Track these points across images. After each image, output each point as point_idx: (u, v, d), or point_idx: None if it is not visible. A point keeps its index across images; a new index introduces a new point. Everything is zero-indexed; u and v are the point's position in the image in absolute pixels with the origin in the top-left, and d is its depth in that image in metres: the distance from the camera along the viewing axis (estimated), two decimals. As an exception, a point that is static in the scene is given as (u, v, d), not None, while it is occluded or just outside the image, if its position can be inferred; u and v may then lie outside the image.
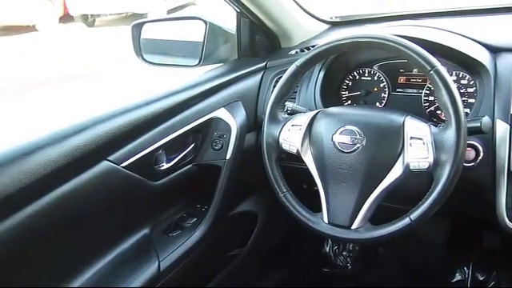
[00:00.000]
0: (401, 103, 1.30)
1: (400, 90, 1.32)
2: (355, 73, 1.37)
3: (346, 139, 1.01)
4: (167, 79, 1.37)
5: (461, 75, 1.20)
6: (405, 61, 1.25)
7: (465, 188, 1.06)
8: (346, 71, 1.37)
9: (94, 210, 1.05)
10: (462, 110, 0.92)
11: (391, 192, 1.00)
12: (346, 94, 1.38)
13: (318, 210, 1.06)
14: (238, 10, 1.36)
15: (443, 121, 0.97)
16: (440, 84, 0.92)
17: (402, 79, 1.32)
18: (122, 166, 1.07)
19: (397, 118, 1.01)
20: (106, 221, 1.11)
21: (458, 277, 1.72)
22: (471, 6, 1.44)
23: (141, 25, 1.44)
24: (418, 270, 1.81)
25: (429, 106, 1.26)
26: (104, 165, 1.03)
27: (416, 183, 1.01)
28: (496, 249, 1.51)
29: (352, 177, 1.01)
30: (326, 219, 1.04)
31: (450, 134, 0.92)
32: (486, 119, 0.98)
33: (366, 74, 1.35)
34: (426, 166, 0.94)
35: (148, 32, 1.47)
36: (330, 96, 1.34)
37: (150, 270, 1.15)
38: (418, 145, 0.95)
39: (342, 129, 1.03)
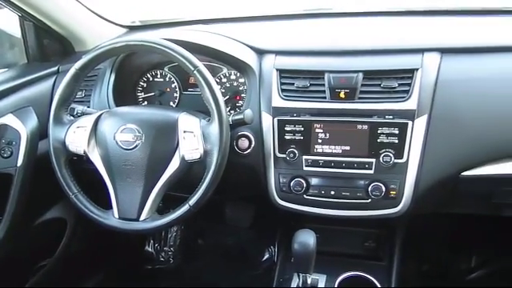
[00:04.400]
0: (192, 102, 1.41)
1: (191, 89, 1.43)
2: (148, 75, 1.44)
3: (128, 137, 1.08)
4: None
5: (238, 75, 1.36)
6: None
7: (245, 173, 1.22)
8: (140, 73, 1.43)
9: None
10: (222, 104, 1.04)
11: (174, 182, 1.10)
12: (141, 95, 1.44)
13: None
14: (20, 14, 1.32)
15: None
16: (202, 82, 1.04)
17: (192, 79, 1.42)
18: None
19: (173, 114, 1.10)
20: None
21: (266, 255, 1.94)
22: (248, 14, 1.62)
23: None
24: (234, 254, 1.97)
25: None
26: None
27: (196, 172, 1.11)
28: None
29: (136, 172, 1.08)
30: (116, 214, 1.10)
31: (214, 127, 1.05)
32: (247, 111, 1.12)
33: (159, 76, 1.43)
34: (198, 156, 1.06)
35: None
36: (127, 98, 1.39)
37: None
38: (190, 137, 1.06)
39: (123, 127, 1.09)
